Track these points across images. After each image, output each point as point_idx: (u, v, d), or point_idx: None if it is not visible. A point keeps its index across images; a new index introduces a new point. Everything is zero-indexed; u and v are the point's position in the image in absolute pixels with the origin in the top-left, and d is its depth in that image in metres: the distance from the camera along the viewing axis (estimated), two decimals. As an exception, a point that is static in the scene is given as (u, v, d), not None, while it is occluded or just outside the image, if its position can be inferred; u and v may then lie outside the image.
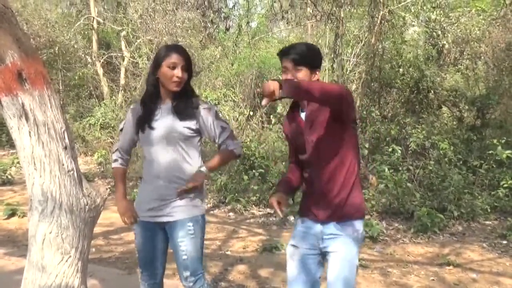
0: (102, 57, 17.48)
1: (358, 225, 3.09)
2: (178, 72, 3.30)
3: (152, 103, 3.43)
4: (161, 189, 3.37)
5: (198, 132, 3.42)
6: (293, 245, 3.19)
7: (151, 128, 3.37)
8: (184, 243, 3.35)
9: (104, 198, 3.33)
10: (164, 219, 3.39)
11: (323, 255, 3.13)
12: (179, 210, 3.36)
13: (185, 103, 3.39)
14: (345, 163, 3.04)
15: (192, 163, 3.40)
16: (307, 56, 3.04)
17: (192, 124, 3.37)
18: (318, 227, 3.09)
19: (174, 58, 3.30)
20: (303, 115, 3.14)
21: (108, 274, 5.65)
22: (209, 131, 3.41)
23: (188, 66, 3.37)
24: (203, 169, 3.39)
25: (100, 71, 17.20)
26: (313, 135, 3.05)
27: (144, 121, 3.41)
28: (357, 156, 3.14)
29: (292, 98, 3.08)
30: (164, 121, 3.36)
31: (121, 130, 3.64)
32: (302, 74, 3.01)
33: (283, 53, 3.08)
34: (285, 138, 3.44)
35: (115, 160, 3.67)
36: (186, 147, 3.38)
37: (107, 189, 3.72)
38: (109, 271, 5.79)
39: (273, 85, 2.58)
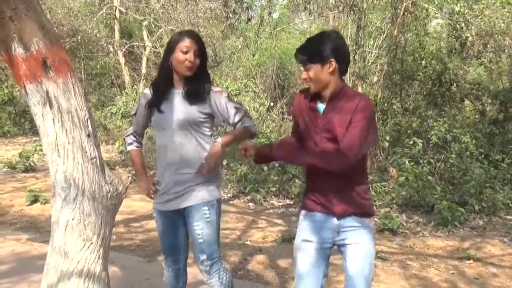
0: (124, 47, 17.57)
1: (371, 220, 3.10)
2: (190, 56, 3.32)
3: (163, 88, 3.46)
4: (175, 175, 3.41)
5: (211, 116, 3.45)
6: (305, 240, 3.11)
7: (160, 111, 3.41)
8: (200, 227, 3.38)
9: (126, 186, 3.35)
10: (181, 205, 3.42)
11: (336, 247, 3.11)
12: (194, 195, 3.40)
13: (196, 87, 3.40)
14: (361, 160, 2.98)
15: (205, 148, 3.42)
16: (310, 51, 2.97)
17: (203, 108, 3.40)
18: (333, 220, 3.03)
19: (186, 42, 3.33)
20: (321, 106, 3.05)
21: (128, 261, 5.70)
22: (222, 112, 3.42)
23: (201, 52, 3.39)
24: (219, 139, 3.38)
25: (122, 60, 17.29)
26: (328, 132, 2.97)
27: (154, 104, 3.46)
28: (366, 156, 3.13)
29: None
30: (175, 106, 3.39)
31: (134, 114, 3.68)
32: (313, 71, 2.95)
33: (295, 57, 3.07)
34: (292, 116, 3.41)
35: (130, 144, 3.73)
36: (198, 131, 3.41)
37: (128, 177, 3.75)
38: (129, 259, 5.84)
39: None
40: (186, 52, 3.31)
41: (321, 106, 3.04)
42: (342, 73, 3.02)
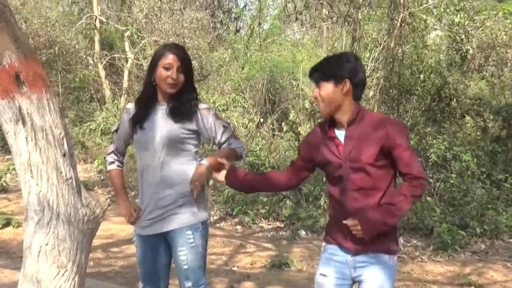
0: (105, 59, 17.58)
1: (391, 257, 3.03)
2: (172, 73, 3.31)
3: (147, 104, 3.45)
4: (157, 195, 3.39)
5: (197, 133, 3.44)
6: (322, 274, 3.11)
7: (142, 128, 3.40)
8: (184, 253, 3.36)
9: (104, 209, 3.34)
10: (164, 229, 3.40)
11: (355, 284, 3.09)
12: (177, 218, 3.37)
13: (180, 104, 3.39)
14: (382, 191, 2.97)
15: (189, 167, 3.39)
16: (324, 69, 2.99)
17: (188, 125, 3.38)
18: (348, 256, 3.03)
19: (169, 58, 3.32)
20: (339, 134, 3.04)
21: (106, 289, 5.67)
22: (209, 130, 3.41)
23: (185, 67, 3.38)
24: (204, 161, 3.34)
25: (102, 73, 17.29)
26: (354, 162, 2.94)
27: (136, 121, 3.43)
28: (394, 183, 3.08)
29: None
30: (158, 123, 3.38)
31: (116, 131, 3.65)
32: (324, 90, 2.97)
33: (309, 75, 3.11)
34: (299, 149, 3.33)
35: (111, 163, 3.68)
36: (182, 150, 3.39)
37: (107, 199, 3.72)
38: (108, 286, 5.80)
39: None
40: (168, 69, 3.31)
41: (340, 134, 3.03)
42: (357, 98, 3.02)
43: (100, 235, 7.21)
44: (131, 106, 3.57)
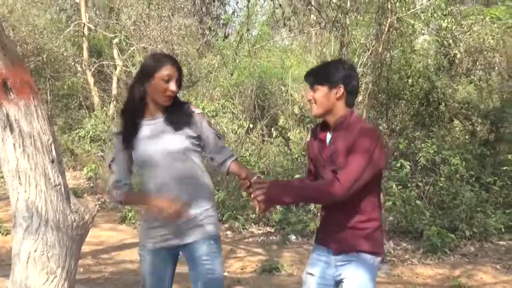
0: (93, 66, 17.55)
1: (372, 257, 3.07)
2: (172, 85, 3.15)
3: (136, 117, 3.26)
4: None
5: (199, 138, 3.30)
6: (309, 273, 3.19)
7: (140, 146, 3.22)
8: (209, 262, 3.25)
9: (93, 215, 3.34)
10: (186, 241, 3.27)
11: (338, 284, 3.12)
12: (200, 230, 3.26)
13: (177, 112, 3.26)
14: (365, 196, 3.01)
15: (203, 170, 3.33)
16: (319, 74, 3.09)
17: (191, 131, 3.24)
18: (331, 256, 3.09)
19: (168, 69, 3.15)
20: (328, 136, 3.14)
21: (96, 296, 5.66)
22: (205, 136, 3.31)
23: (180, 78, 3.25)
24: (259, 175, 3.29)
25: (91, 80, 17.26)
26: (333, 164, 3.02)
27: (129, 140, 3.24)
28: (378, 190, 3.14)
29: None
30: (161, 137, 3.21)
31: (112, 161, 3.35)
32: (319, 93, 3.05)
33: (304, 77, 3.19)
34: (307, 156, 3.39)
35: (120, 195, 3.33)
36: (193, 156, 3.27)
37: (96, 205, 3.69)
38: (98, 293, 5.80)
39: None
40: (167, 81, 3.14)
41: (329, 136, 3.14)
42: (350, 105, 3.10)
43: (90, 241, 7.23)
44: (119, 130, 3.33)
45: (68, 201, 3.18)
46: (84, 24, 17.58)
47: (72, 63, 17.64)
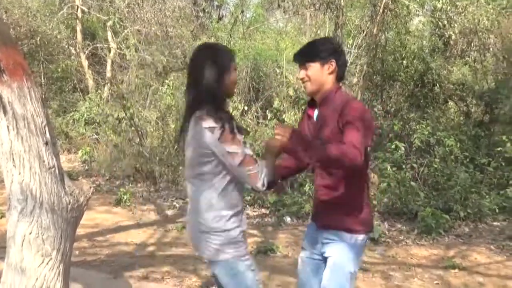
0: (87, 48, 17.45)
1: (353, 236, 3.09)
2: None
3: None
4: None
5: None
6: (303, 248, 3.33)
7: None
8: None
9: (88, 197, 3.34)
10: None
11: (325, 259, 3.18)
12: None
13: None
14: (353, 174, 3.02)
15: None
16: (310, 51, 3.12)
17: None
18: (319, 232, 3.19)
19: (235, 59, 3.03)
20: (316, 113, 3.20)
21: (92, 278, 5.65)
22: None
23: None
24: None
25: (85, 63, 17.17)
26: (320, 138, 3.07)
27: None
28: (365, 170, 3.20)
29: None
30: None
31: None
32: (312, 70, 3.09)
33: (294, 58, 3.21)
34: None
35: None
36: None
37: (91, 187, 3.69)
38: (93, 275, 5.79)
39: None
40: (235, 70, 3.02)
41: (316, 113, 3.20)
42: (339, 79, 3.16)
43: (85, 224, 7.24)
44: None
45: (63, 183, 3.17)
46: (78, 6, 17.43)
47: (66, 46, 17.54)
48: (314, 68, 3.07)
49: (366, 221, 3.15)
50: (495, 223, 8.40)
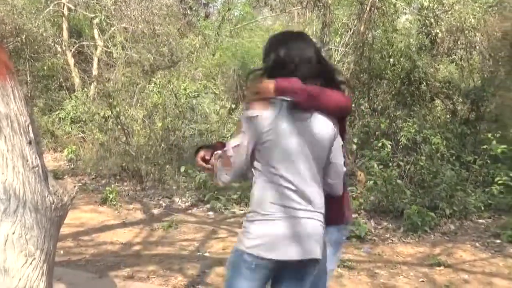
0: (73, 46, 17.36)
1: (335, 230, 3.10)
2: None
3: None
4: None
5: None
6: None
7: None
8: None
9: (72, 196, 3.33)
10: None
11: None
12: None
13: None
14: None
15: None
16: None
17: None
18: None
19: None
20: None
21: (77, 278, 5.64)
22: None
23: None
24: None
25: (71, 61, 17.08)
26: None
27: None
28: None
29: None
30: None
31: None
32: None
33: None
34: None
35: None
36: None
37: (75, 186, 3.68)
38: (78, 275, 5.78)
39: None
40: None
41: None
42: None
43: (70, 223, 7.25)
44: None
45: (47, 182, 3.16)
46: (64, 4, 17.34)
47: (52, 44, 17.43)
48: None
49: (343, 217, 3.19)
50: (480, 221, 8.46)
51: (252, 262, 2.68)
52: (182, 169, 9.96)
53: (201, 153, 3.08)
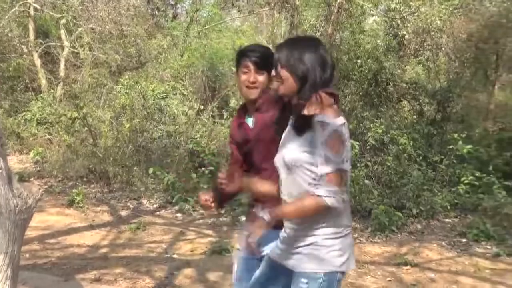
0: (40, 47, 17.15)
1: None
2: None
3: None
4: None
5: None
6: (238, 248, 3.28)
7: None
8: None
9: (37, 199, 3.30)
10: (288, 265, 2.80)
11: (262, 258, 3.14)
12: (298, 259, 2.72)
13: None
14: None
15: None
16: (268, 61, 2.98)
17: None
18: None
19: None
20: (249, 120, 3.17)
21: (43, 282, 5.58)
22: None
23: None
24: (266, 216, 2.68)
25: (37, 62, 16.86)
26: (264, 144, 3.05)
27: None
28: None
29: None
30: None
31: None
32: (264, 77, 3.06)
33: (245, 53, 3.12)
34: (230, 143, 3.35)
35: None
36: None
37: (40, 189, 3.65)
38: (44, 278, 5.72)
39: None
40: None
41: (250, 120, 3.20)
42: None
43: (36, 226, 7.17)
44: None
45: (10, 185, 3.13)
46: (30, 4, 17.11)
47: (18, 44, 17.18)
48: (266, 77, 3.06)
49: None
50: (446, 220, 8.57)
51: (342, 279, 2.72)
52: (150, 170, 9.90)
53: (204, 197, 3.20)
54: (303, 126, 2.60)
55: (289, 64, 2.65)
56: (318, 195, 2.51)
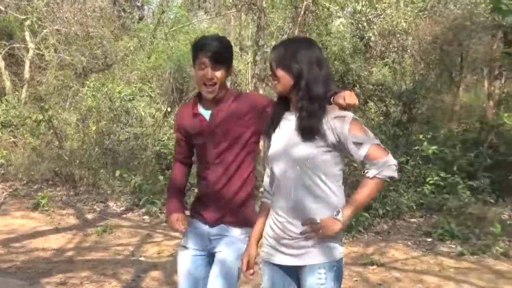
0: (3, 49, 16.91)
1: (242, 231, 3.11)
2: None
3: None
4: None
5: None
6: (183, 246, 3.24)
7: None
8: None
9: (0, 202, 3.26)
10: (295, 263, 2.77)
11: (212, 256, 3.16)
12: (309, 254, 2.73)
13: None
14: (245, 171, 3.11)
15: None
16: (226, 55, 3.05)
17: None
18: (206, 228, 3.14)
19: None
20: (204, 112, 3.13)
21: (7, 286, 5.52)
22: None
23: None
24: (340, 216, 2.74)
25: (1, 64, 16.61)
26: (220, 138, 3.07)
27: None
28: (254, 168, 3.20)
29: None
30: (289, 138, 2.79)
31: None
32: (221, 73, 3.02)
33: (201, 47, 3.03)
34: (177, 131, 3.30)
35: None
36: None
37: (3, 192, 3.58)
38: (8, 282, 5.65)
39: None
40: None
41: (205, 112, 3.17)
42: None
43: (1, 230, 7.12)
44: None
45: (-30, 188, 3.08)
46: (-7, 5, 16.92)
47: (-19, 46, 16.97)
48: (223, 73, 3.07)
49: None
50: (412, 220, 8.67)
51: None
52: (117, 173, 9.83)
53: (175, 218, 3.20)
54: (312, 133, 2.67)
55: (283, 63, 2.70)
56: (374, 177, 2.68)
